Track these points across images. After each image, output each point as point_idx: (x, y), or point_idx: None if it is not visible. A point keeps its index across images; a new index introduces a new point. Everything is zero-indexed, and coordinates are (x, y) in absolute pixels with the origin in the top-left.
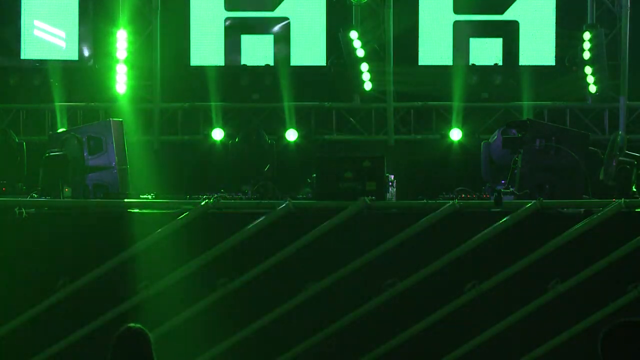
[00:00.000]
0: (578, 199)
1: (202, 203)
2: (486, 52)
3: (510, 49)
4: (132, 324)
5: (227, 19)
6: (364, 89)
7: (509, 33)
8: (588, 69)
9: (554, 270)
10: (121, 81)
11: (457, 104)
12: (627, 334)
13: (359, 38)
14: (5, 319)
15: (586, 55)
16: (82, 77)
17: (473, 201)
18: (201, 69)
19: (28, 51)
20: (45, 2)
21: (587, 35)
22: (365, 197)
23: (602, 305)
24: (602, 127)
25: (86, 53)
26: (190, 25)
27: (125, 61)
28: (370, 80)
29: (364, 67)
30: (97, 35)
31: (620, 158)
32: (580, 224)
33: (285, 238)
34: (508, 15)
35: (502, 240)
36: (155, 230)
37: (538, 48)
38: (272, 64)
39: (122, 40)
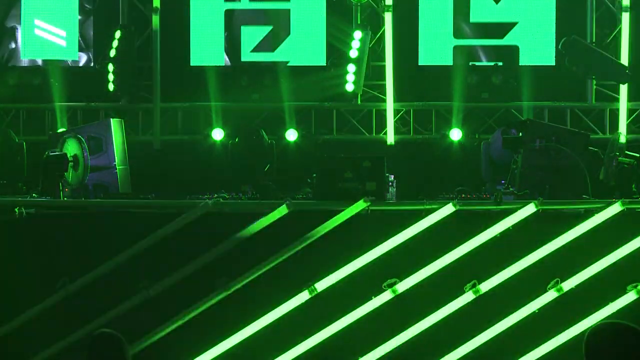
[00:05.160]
0: (578, 199)
1: (202, 203)
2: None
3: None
4: (105, 329)
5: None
6: (345, 89)
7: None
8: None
9: (554, 270)
10: (111, 80)
11: (457, 104)
12: (610, 337)
13: (360, 39)
14: (5, 319)
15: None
16: (82, 77)
17: (473, 201)
18: (201, 69)
19: (28, 51)
20: (46, 1)
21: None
22: (365, 197)
23: (602, 305)
24: (602, 127)
25: (86, 53)
26: (191, 25)
27: (121, 60)
28: (353, 82)
29: (351, 68)
30: (97, 35)
31: (620, 158)
32: (580, 224)
33: (285, 238)
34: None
35: (502, 240)
36: (155, 231)
37: (538, 48)
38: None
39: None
